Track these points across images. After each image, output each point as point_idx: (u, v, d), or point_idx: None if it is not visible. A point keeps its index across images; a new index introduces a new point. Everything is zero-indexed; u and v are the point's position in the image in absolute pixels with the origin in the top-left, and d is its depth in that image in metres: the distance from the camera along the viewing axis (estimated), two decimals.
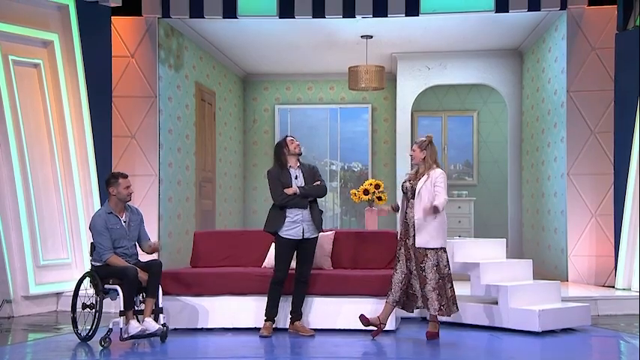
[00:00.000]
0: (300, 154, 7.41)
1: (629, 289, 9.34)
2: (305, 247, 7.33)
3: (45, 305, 9.00)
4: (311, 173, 7.39)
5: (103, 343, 6.67)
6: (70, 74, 9.42)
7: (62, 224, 9.27)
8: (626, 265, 9.44)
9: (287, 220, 7.24)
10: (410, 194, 7.08)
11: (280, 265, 7.29)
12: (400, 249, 7.11)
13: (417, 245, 6.95)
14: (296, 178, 7.32)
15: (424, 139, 7.16)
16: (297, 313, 7.38)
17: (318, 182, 7.36)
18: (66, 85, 9.39)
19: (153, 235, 9.45)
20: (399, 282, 7.05)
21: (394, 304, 7.09)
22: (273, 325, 7.38)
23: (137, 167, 10.16)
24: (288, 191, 7.23)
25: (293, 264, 7.45)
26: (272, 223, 7.32)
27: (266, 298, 7.37)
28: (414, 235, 6.98)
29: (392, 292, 7.07)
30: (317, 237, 7.42)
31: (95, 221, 7.02)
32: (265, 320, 7.34)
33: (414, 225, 6.99)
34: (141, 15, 10.24)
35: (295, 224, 7.25)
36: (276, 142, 7.65)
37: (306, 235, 7.28)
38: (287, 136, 7.50)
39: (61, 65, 9.37)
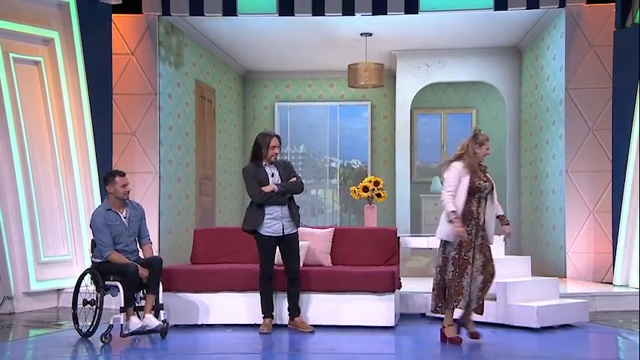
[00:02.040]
0: (273, 163, 7.30)
1: (627, 286, 9.38)
2: (287, 243, 7.31)
3: (46, 302, 9.04)
4: (286, 169, 7.35)
5: (103, 340, 6.72)
6: (70, 72, 9.45)
7: (63, 221, 9.31)
8: (624, 262, 9.48)
9: (266, 217, 7.22)
10: (486, 192, 6.75)
11: (265, 261, 7.29)
12: (469, 252, 6.63)
13: (490, 244, 6.74)
14: (272, 176, 7.27)
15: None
16: (295, 309, 7.40)
17: (294, 179, 7.33)
18: (66, 83, 9.42)
19: (153, 232, 9.48)
20: (468, 285, 6.62)
21: (467, 307, 6.70)
22: (273, 322, 7.38)
23: (137, 164, 10.19)
24: (266, 189, 7.19)
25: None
26: (251, 221, 7.28)
27: None
28: (482, 236, 6.69)
29: (463, 296, 6.59)
30: (297, 232, 7.40)
31: (94, 218, 7.08)
32: (264, 317, 7.37)
33: (483, 225, 6.71)
34: (141, 13, 10.27)
35: (275, 221, 7.24)
36: (258, 134, 7.40)
37: (286, 232, 7.27)
38: (273, 136, 7.31)
39: (62, 63, 9.40)
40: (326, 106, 14.78)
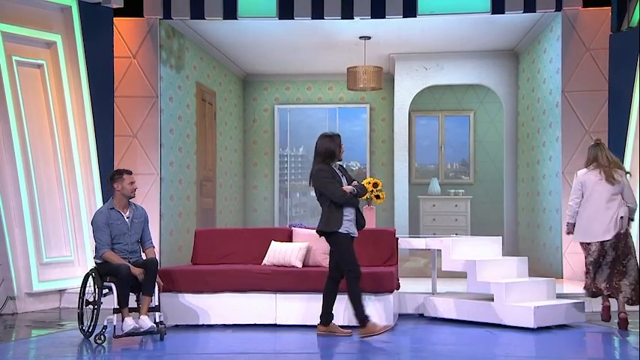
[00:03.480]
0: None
1: None
2: None
3: (48, 302, 9.11)
4: (346, 172, 7.31)
5: (97, 340, 6.76)
6: (72, 75, 9.54)
7: (65, 222, 9.39)
8: None
9: (344, 218, 7.09)
10: None
11: (355, 259, 7.07)
12: None
13: None
14: (342, 176, 7.23)
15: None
16: (330, 315, 7.24)
17: (356, 182, 7.24)
18: (69, 86, 9.51)
19: (154, 233, 9.54)
20: None
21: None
22: (275, 322, 7.41)
23: (139, 166, 10.25)
24: (346, 189, 7.08)
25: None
26: (334, 222, 7.07)
27: (265, 294, 7.55)
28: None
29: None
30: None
31: (96, 217, 7.16)
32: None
33: None
34: (142, 16, 10.34)
35: (350, 222, 7.12)
36: (324, 134, 7.24)
37: (355, 235, 7.21)
38: (339, 136, 7.24)
39: (64, 66, 9.48)
40: (325, 109, 14.85)
